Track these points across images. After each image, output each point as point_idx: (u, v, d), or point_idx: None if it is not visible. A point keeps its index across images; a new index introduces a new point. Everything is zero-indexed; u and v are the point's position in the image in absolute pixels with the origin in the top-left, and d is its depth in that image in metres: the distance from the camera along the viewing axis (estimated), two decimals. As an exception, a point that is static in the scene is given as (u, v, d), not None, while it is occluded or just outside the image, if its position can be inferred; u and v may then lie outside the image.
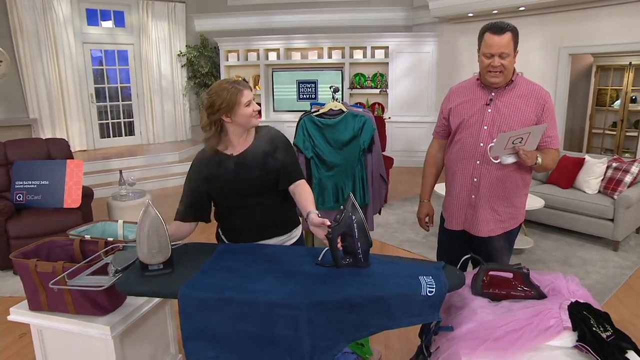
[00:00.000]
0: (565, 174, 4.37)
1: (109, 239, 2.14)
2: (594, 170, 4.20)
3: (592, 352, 1.42)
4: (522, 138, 1.83)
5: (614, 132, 6.99)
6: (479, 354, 1.44)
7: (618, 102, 6.95)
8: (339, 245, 1.56)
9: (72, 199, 3.91)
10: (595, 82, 7.07)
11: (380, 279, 1.51)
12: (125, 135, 7.97)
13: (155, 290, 1.52)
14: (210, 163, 1.87)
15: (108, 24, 7.59)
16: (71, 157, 4.34)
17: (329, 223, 1.56)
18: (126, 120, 7.97)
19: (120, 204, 4.33)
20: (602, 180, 4.19)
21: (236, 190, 1.85)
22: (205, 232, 4.60)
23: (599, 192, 4.20)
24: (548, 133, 2.01)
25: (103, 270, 1.82)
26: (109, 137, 7.79)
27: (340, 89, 7.74)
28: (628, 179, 4.03)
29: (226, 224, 1.98)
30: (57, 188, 3.91)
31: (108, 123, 7.76)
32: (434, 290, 1.45)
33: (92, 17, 7.40)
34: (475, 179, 2.07)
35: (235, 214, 1.92)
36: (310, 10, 8.11)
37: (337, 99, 2.70)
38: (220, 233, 2.04)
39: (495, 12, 6.19)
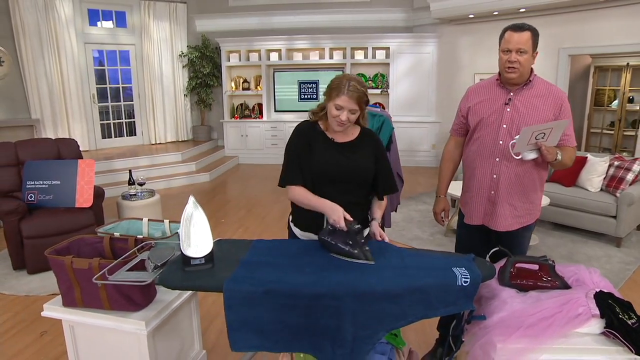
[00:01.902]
0: (568, 172, 4.46)
1: (138, 236, 2.19)
2: (597, 168, 4.30)
3: (620, 337, 1.49)
4: (544, 133, 1.90)
5: (612, 132, 7.12)
6: (512, 340, 1.50)
7: (616, 102, 7.08)
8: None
9: (83, 198, 3.93)
10: (594, 82, 7.20)
11: (417, 270, 1.57)
12: (127, 136, 7.97)
13: (199, 284, 1.57)
14: (311, 134, 1.90)
15: (110, 24, 7.60)
16: (81, 157, 4.36)
17: (385, 238, 1.83)
18: (128, 120, 7.97)
19: (131, 203, 4.36)
20: (605, 178, 4.29)
21: (326, 170, 1.86)
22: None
23: (602, 189, 4.30)
24: (565, 131, 2.08)
25: (138, 267, 1.87)
26: (111, 137, 7.79)
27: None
28: (630, 177, 4.13)
29: (305, 210, 1.92)
30: (68, 188, 3.93)
31: (110, 123, 7.76)
32: (468, 280, 1.52)
33: (94, 17, 7.40)
34: (494, 176, 2.14)
35: None
36: (312, 11, 8.17)
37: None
38: (291, 222, 2.06)
39: (496, 13, 6.29)
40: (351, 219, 1.69)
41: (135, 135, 8.05)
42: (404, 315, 1.50)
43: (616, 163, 4.26)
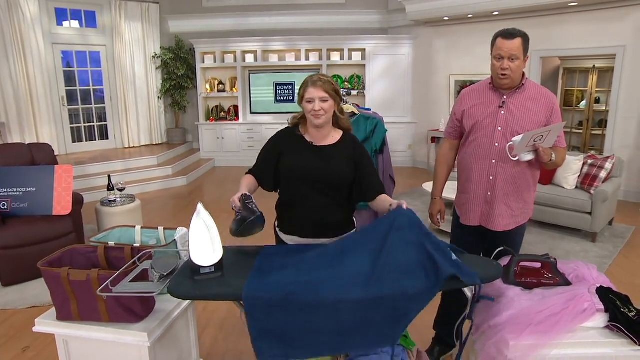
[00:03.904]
0: (545, 171, 4.56)
1: (134, 245, 2.12)
2: (572, 167, 4.47)
3: (624, 330, 1.55)
4: (542, 136, 1.97)
5: (581, 131, 7.43)
6: (524, 337, 1.55)
7: (584, 103, 7.39)
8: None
9: (61, 206, 3.77)
10: (563, 83, 7.50)
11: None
12: (99, 139, 7.72)
13: (212, 293, 1.53)
14: (290, 139, 1.97)
15: (79, 24, 7.33)
16: (56, 163, 4.19)
17: (403, 204, 1.72)
18: (99, 123, 7.72)
19: (111, 209, 4.22)
20: (579, 176, 4.46)
21: (307, 175, 1.91)
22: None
23: (577, 187, 4.47)
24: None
25: (139, 277, 1.80)
26: (82, 141, 7.52)
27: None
28: (603, 174, 4.31)
29: (286, 213, 2.01)
30: (45, 195, 3.77)
31: (80, 127, 7.49)
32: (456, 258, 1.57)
33: (61, 16, 7.12)
34: (491, 177, 2.19)
35: (298, 205, 1.96)
36: (287, 12, 8.14)
37: (347, 102, 2.76)
38: (276, 226, 2.08)
39: (470, 16, 6.45)
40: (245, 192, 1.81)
41: (107, 138, 7.81)
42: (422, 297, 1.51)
43: (590, 161, 4.44)
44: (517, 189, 2.20)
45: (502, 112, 2.14)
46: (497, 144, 2.15)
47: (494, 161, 2.17)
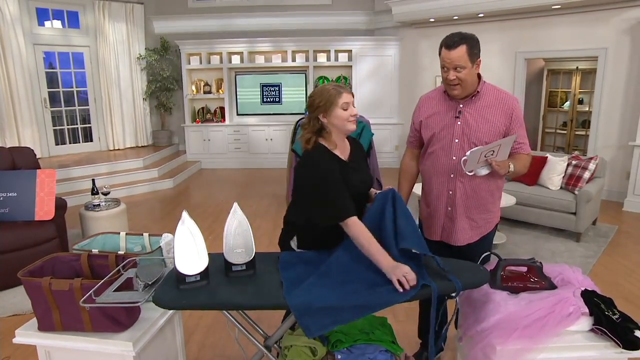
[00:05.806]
0: (530, 172, 4.64)
1: (119, 252, 2.08)
2: (556, 167, 4.52)
3: (608, 333, 1.57)
4: (493, 151, 1.90)
5: (565, 132, 7.54)
6: (511, 342, 1.55)
7: (567, 104, 7.50)
8: None
9: (44, 211, 3.67)
10: (547, 84, 7.60)
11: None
12: (83, 142, 7.60)
13: (198, 303, 1.51)
14: (333, 161, 1.83)
15: (61, 24, 7.20)
16: (38, 167, 4.11)
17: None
18: (83, 125, 7.60)
19: (95, 214, 4.15)
20: (564, 176, 4.51)
21: (356, 192, 1.83)
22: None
23: (561, 188, 4.52)
24: (518, 140, 2.05)
25: (123, 286, 1.77)
26: (65, 144, 7.39)
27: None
28: (587, 175, 4.37)
29: (311, 232, 1.91)
30: (26, 200, 3.67)
31: (63, 129, 7.36)
32: None
33: (43, 16, 6.99)
34: (450, 192, 2.09)
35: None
36: (273, 13, 8.11)
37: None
38: (292, 245, 1.99)
39: (456, 17, 6.49)
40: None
41: (91, 141, 7.69)
42: None
43: (574, 162, 4.50)
44: (480, 202, 2.09)
45: (459, 123, 2.03)
46: (454, 157, 2.04)
47: (452, 175, 2.06)
